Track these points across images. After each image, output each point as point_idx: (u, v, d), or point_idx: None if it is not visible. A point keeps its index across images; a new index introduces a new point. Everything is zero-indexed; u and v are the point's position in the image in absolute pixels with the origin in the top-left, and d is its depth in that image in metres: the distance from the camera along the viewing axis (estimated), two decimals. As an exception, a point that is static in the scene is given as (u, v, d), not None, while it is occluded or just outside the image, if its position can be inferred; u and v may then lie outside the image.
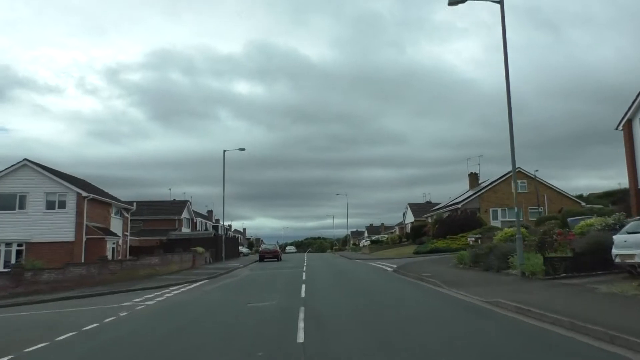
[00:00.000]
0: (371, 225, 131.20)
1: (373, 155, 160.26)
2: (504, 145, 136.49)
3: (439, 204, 67.73)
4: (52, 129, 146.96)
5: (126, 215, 39.38)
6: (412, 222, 70.70)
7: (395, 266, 26.35)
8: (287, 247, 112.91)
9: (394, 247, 56.29)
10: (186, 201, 63.25)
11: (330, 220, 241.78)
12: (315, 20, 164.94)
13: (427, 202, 77.95)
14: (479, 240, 40.42)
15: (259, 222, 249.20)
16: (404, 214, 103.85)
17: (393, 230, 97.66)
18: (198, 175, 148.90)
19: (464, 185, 70.06)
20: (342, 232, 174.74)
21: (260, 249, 46.97)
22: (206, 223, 78.76)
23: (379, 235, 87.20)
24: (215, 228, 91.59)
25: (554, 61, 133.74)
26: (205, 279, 23.46)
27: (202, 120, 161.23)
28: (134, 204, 40.40)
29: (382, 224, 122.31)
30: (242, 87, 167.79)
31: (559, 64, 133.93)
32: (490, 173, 58.45)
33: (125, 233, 39.37)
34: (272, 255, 43.64)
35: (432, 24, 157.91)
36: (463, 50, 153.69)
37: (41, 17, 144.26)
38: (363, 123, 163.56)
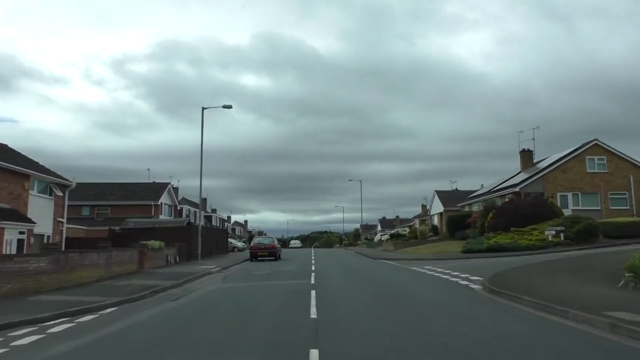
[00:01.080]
0: (384, 218, 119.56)
1: (381, 149, 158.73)
2: (514, 141, 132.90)
3: (476, 191, 55.86)
4: (58, 120, 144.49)
5: (60, 194, 27.74)
6: (440, 213, 58.83)
7: (475, 278, 14.64)
8: (292, 242, 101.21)
9: (425, 242, 44.39)
10: (167, 183, 51.39)
11: (336, 214, 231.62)
12: (323, 11, 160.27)
13: (455, 189, 65.88)
14: (562, 235, 28.65)
15: (264, 216, 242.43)
16: (423, 205, 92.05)
17: (412, 223, 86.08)
18: (206, 168, 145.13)
19: (478, 180, 62.36)
20: (347, 227, 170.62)
21: (251, 244, 35.21)
22: (195, 212, 66.85)
23: (399, 228, 75.47)
24: (209, 218, 79.96)
25: (565, 54, 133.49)
26: (116, 304, 11.75)
27: (209, 113, 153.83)
28: (74, 179, 28.73)
29: (398, 216, 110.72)
30: (249, 79, 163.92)
31: (570, 57, 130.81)
32: (498, 170, 49.27)
33: (60, 219, 27.81)
34: (267, 253, 31.97)
35: (441, 15, 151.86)
36: (473, 43, 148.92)
37: (48, 7, 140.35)
38: (371, 117, 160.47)
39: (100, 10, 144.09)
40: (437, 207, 60.27)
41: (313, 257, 36.91)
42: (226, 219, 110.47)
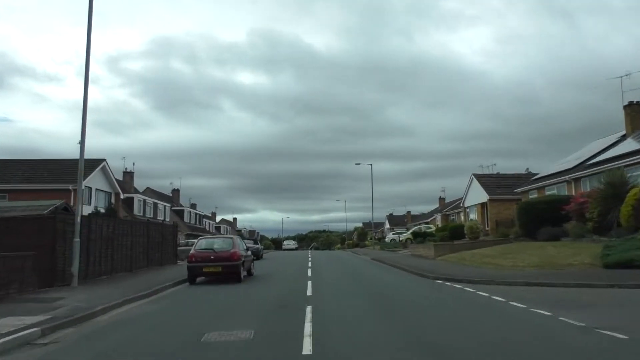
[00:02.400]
0: (392, 214, 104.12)
1: (380, 147, 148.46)
2: (514, 139, 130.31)
3: (538, 174, 40.50)
4: (52, 118, 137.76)
5: None
6: (482, 203, 43.45)
7: None
8: (285, 242, 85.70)
9: (480, 244, 28.71)
10: (100, 160, 35.43)
11: (335, 213, 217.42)
12: (320, 7, 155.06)
13: (497, 173, 50.34)
14: None
15: (262, 215, 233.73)
16: (441, 198, 77.29)
17: (432, 217, 71.28)
18: (203, 167, 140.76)
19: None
20: (348, 226, 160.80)
21: (192, 250, 18.66)
22: (156, 205, 51.07)
23: (421, 225, 60.20)
24: (179, 213, 64.13)
25: (567, 51, 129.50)
26: None
27: (206, 111, 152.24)
28: None
29: (409, 212, 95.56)
30: (246, 77, 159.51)
31: (572, 54, 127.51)
32: (500, 169, 45.34)
33: None
34: (219, 269, 16.29)
35: (441, 10, 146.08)
36: (473, 40, 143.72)
37: (41, 4, 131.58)
38: (370, 114, 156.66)
39: (94, 8, 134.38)
40: (478, 196, 44.68)
41: (310, 271, 21.49)
42: (210, 215, 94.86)
